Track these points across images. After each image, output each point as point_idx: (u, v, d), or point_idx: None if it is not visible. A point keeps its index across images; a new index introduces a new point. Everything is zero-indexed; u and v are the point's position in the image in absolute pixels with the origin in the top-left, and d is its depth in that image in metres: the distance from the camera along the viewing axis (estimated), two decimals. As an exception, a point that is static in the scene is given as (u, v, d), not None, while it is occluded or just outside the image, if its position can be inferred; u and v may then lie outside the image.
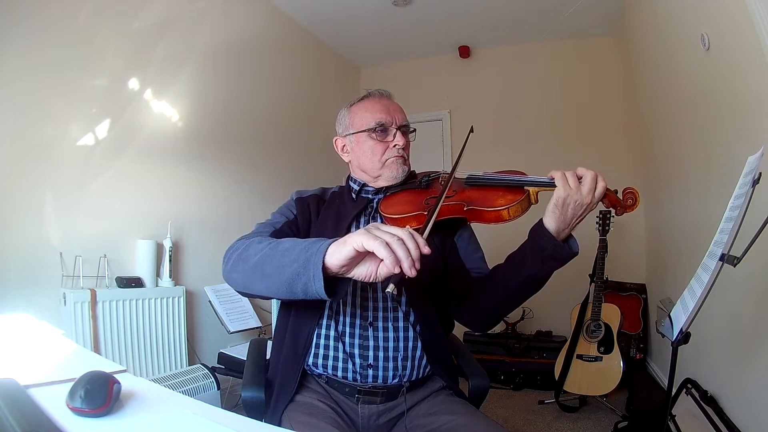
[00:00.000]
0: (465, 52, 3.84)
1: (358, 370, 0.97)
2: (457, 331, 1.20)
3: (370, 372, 0.97)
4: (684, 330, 1.01)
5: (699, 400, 1.68)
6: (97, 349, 1.87)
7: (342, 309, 0.99)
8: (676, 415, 1.76)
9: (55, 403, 0.55)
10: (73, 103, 1.95)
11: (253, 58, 2.96)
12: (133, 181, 2.20)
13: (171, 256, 2.25)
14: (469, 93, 3.91)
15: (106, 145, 2.07)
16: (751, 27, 1.28)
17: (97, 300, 1.89)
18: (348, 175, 1.18)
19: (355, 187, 1.13)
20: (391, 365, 0.97)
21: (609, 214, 2.51)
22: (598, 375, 2.38)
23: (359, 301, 1.00)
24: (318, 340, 0.99)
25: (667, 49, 2.24)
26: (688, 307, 1.01)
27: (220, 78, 2.71)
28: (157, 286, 2.21)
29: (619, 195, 0.90)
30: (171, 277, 2.25)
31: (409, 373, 0.99)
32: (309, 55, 3.56)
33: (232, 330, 2.27)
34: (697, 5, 1.74)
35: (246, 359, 1.13)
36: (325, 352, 0.99)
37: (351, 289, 1.00)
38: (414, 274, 0.68)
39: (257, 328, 2.37)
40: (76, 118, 1.98)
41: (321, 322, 0.99)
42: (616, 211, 0.90)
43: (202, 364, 2.14)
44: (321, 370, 0.99)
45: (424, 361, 1.00)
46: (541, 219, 0.89)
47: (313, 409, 0.92)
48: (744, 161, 0.98)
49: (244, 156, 2.89)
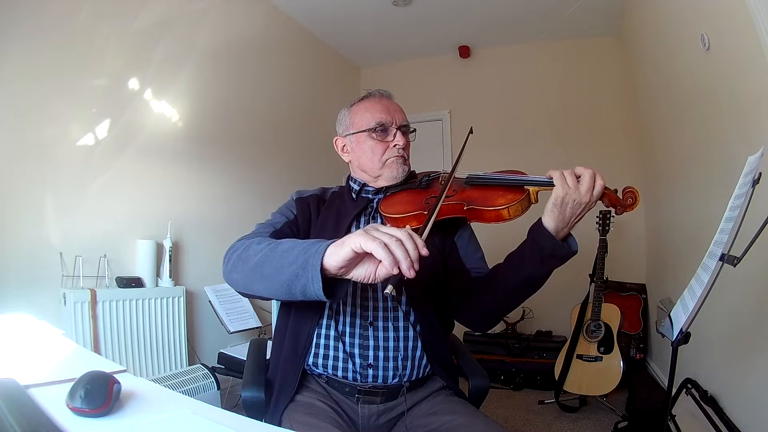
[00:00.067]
0: (465, 52, 3.84)
1: (358, 369, 0.97)
2: (457, 331, 1.20)
3: (370, 372, 0.97)
4: (684, 330, 1.01)
5: (699, 400, 1.68)
6: (97, 349, 1.87)
7: (342, 309, 0.99)
8: (676, 415, 1.76)
9: (55, 403, 0.54)
10: (73, 103, 1.95)
11: (253, 58, 2.96)
12: (133, 181, 2.20)
13: (171, 256, 2.25)
14: (469, 93, 3.91)
15: (106, 145, 2.07)
16: (751, 27, 1.28)
17: (97, 300, 1.90)
18: (348, 175, 1.18)
19: (355, 187, 1.13)
20: (391, 365, 0.97)
21: (609, 214, 2.51)
22: (598, 375, 2.38)
23: (359, 300, 1.00)
24: (318, 340, 0.99)
25: (667, 49, 2.24)
26: (688, 307, 1.01)
27: (220, 78, 2.71)
28: (157, 286, 2.21)
29: (619, 194, 0.90)
30: (171, 277, 2.25)
31: (409, 373, 0.98)
32: (309, 55, 3.56)
33: (232, 330, 2.27)
34: (697, 5, 1.74)
35: (246, 359, 1.13)
36: (325, 351, 0.99)
37: (351, 289, 1.00)
38: (413, 275, 0.68)
39: (257, 328, 2.37)
40: (76, 118, 1.98)
41: (321, 322, 0.99)
42: (615, 210, 0.90)
43: (202, 364, 2.14)
44: (321, 369, 0.99)
45: (424, 361, 1.00)
46: (540, 218, 0.89)
47: (313, 409, 0.92)
48: (744, 161, 0.98)
49: (244, 156, 2.89)
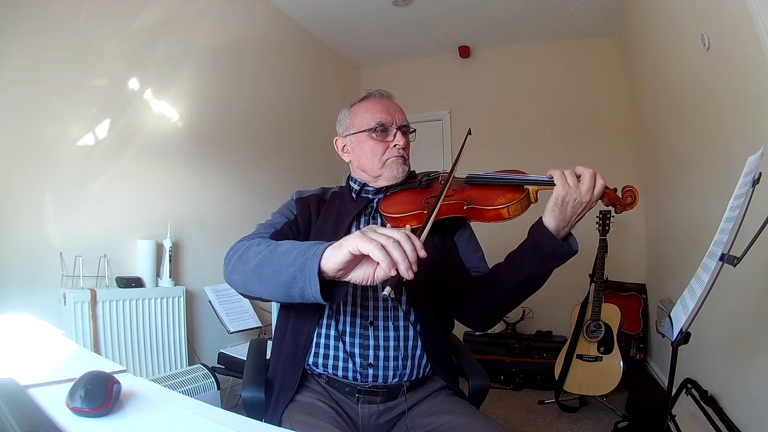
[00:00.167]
0: (465, 52, 3.84)
1: (358, 369, 0.97)
2: (457, 331, 1.20)
3: (371, 371, 0.97)
4: (684, 330, 1.01)
5: (699, 400, 1.68)
6: (97, 349, 1.87)
7: (342, 308, 0.99)
8: (676, 415, 1.76)
9: (55, 403, 0.54)
10: (73, 103, 1.95)
11: (253, 58, 2.96)
12: (133, 181, 2.20)
13: (171, 256, 2.25)
14: (469, 93, 3.91)
15: (106, 145, 2.07)
16: (751, 27, 1.28)
17: (97, 300, 1.90)
18: (348, 175, 1.18)
19: (355, 187, 1.14)
20: (392, 365, 0.97)
21: (609, 214, 2.51)
22: (598, 375, 2.38)
23: (359, 300, 1.00)
24: (318, 340, 0.99)
25: (667, 49, 2.24)
26: (688, 307, 1.01)
27: (220, 78, 2.71)
28: (157, 286, 2.21)
29: (619, 193, 0.90)
30: (171, 277, 2.25)
31: (409, 373, 0.98)
32: (309, 55, 3.56)
33: (232, 330, 2.26)
34: (697, 5, 1.74)
35: (246, 359, 1.13)
36: (325, 351, 0.99)
37: (351, 289, 1.00)
38: (411, 276, 0.67)
39: (257, 328, 2.37)
40: (76, 118, 1.98)
41: (321, 322, 0.99)
42: (615, 209, 0.90)
43: (202, 364, 2.14)
44: (321, 369, 0.99)
45: (424, 361, 1.00)
46: (541, 217, 0.89)
47: (313, 408, 0.92)
48: (744, 161, 0.98)
49: (244, 156, 2.89)
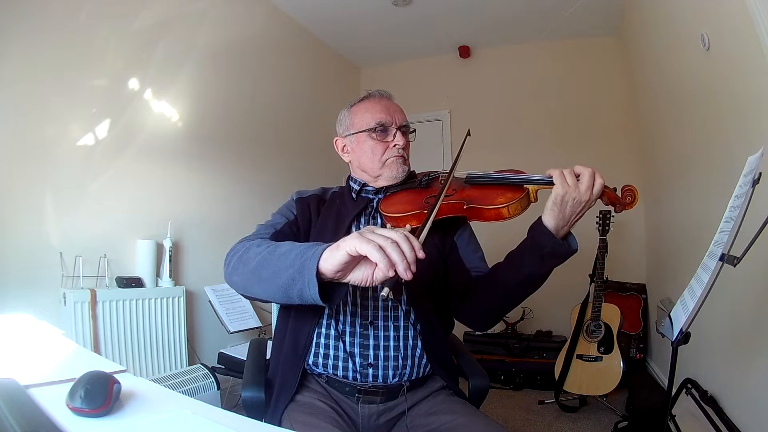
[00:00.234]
0: (465, 52, 3.84)
1: (358, 369, 0.97)
2: (457, 331, 1.20)
3: (371, 371, 0.97)
4: (684, 330, 1.01)
5: (699, 400, 1.68)
6: (97, 349, 1.87)
7: (342, 308, 0.99)
8: (676, 415, 1.76)
9: (55, 403, 0.54)
10: (73, 103, 1.95)
11: (253, 58, 2.96)
12: (133, 181, 2.20)
13: (171, 256, 2.25)
14: (469, 93, 3.91)
15: (106, 145, 2.07)
16: (751, 27, 1.28)
17: (97, 300, 1.90)
18: (348, 175, 1.18)
19: (355, 187, 1.14)
20: (392, 364, 0.97)
21: (609, 214, 2.51)
22: (598, 375, 2.38)
23: (359, 300, 1.00)
24: (318, 340, 0.99)
25: (667, 49, 2.24)
26: (688, 307, 1.01)
27: (220, 78, 2.71)
28: (157, 286, 2.21)
29: (618, 192, 0.90)
30: (171, 277, 2.25)
31: (409, 372, 0.98)
32: (309, 55, 3.56)
33: (232, 330, 2.27)
34: (697, 5, 1.74)
35: (246, 359, 1.13)
36: (325, 351, 0.99)
37: (351, 289, 1.00)
38: (410, 277, 0.67)
39: (257, 328, 2.37)
40: (76, 118, 1.98)
41: (321, 322, 1.00)
42: (615, 208, 0.90)
43: (202, 364, 2.14)
44: (321, 369, 0.99)
45: (424, 360, 1.00)
46: (540, 217, 0.89)
47: (313, 408, 0.92)
48: (744, 161, 0.98)
49: (244, 156, 2.89)
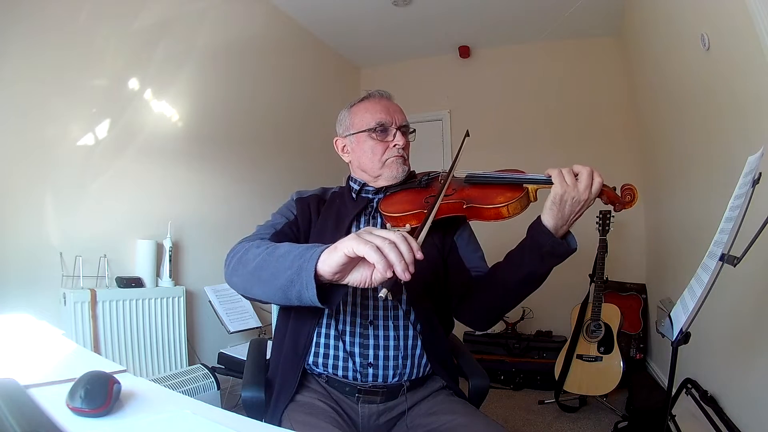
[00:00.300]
0: (465, 52, 3.84)
1: (358, 369, 0.97)
2: (457, 331, 1.20)
3: (371, 371, 0.97)
4: (684, 330, 1.01)
5: (699, 400, 1.68)
6: (97, 349, 1.86)
7: (342, 308, 0.99)
8: (676, 415, 1.76)
9: (55, 403, 0.54)
10: (73, 103, 1.95)
11: (253, 58, 2.96)
12: (133, 181, 2.20)
13: (171, 256, 2.25)
14: (469, 93, 3.91)
15: (106, 145, 2.07)
16: (751, 27, 1.28)
17: (97, 300, 1.89)
18: (348, 175, 1.18)
19: (355, 187, 1.14)
20: (392, 364, 0.97)
21: (609, 214, 2.51)
22: (598, 375, 2.38)
23: (359, 300, 1.00)
24: (318, 339, 0.99)
25: (667, 49, 2.24)
26: (688, 307, 1.01)
27: (220, 78, 2.71)
28: (157, 286, 2.20)
29: (617, 192, 0.90)
30: (171, 277, 2.25)
31: (409, 372, 0.99)
32: (309, 55, 3.56)
33: (232, 330, 2.27)
34: (697, 5, 1.74)
35: (246, 359, 1.13)
36: (325, 351, 0.99)
37: (351, 289, 0.99)
38: (408, 277, 0.67)
39: (257, 328, 2.37)
40: (76, 118, 1.98)
41: (321, 322, 1.00)
42: (614, 207, 0.90)
43: (202, 364, 2.14)
44: (321, 369, 0.99)
45: (424, 360, 1.00)
46: (540, 216, 0.89)
47: (313, 408, 0.92)
48: (744, 161, 0.98)
49: (244, 156, 2.89)
